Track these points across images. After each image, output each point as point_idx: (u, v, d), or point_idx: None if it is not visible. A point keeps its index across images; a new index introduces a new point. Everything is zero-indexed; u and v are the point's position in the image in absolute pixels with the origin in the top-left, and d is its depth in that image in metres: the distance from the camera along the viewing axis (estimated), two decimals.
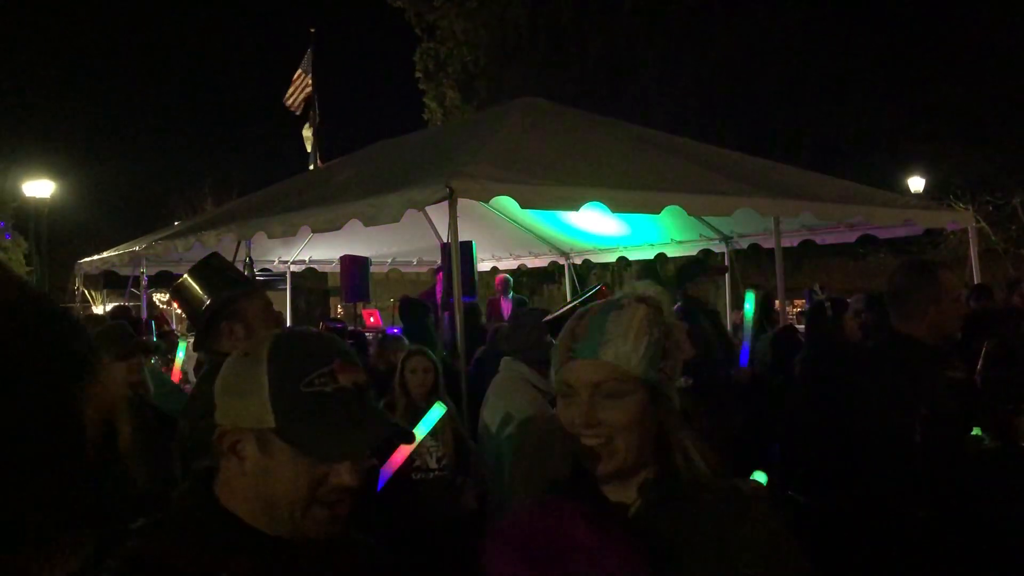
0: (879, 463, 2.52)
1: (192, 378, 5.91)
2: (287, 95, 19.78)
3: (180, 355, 6.16)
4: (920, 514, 2.44)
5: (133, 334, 3.68)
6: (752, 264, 14.39)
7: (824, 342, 4.69)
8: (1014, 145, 18.58)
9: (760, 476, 2.35)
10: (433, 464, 4.03)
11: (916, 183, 20.89)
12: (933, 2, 19.41)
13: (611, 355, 1.29)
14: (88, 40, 37.95)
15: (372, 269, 10.26)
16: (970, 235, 8.15)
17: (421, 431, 3.64)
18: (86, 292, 13.02)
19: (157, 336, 6.88)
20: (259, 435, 1.17)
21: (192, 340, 4.23)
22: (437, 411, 3.74)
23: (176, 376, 5.87)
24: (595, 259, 11.45)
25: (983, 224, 17.23)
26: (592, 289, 4.51)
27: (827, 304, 4.88)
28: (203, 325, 2.54)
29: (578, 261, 11.41)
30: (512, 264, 11.66)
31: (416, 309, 6.81)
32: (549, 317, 3.55)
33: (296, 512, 1.17)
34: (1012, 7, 18.19)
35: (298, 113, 19.57)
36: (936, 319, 2.73)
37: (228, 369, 1.25)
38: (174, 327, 8.30)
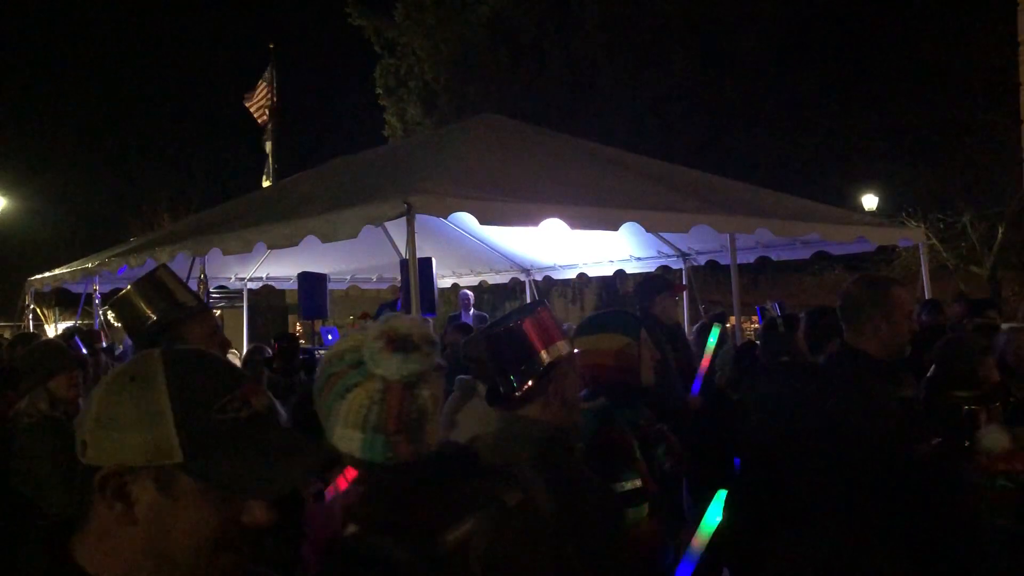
0: (831, 479, 2.53)
1: None
2: (251, 102, 19.65)
3: None
4: (872, 527, 2.46)
5: (66, 350, 3.58)
6: (710, 281, 14.55)
7: (776, 358, 4.73)
8: (963, 165, 19.11)
9: (720, 493, 2.34)
10: None
11: (869, 201, 21.41)
12: (884, 25, 19.97)
13: None
14: (39, 54, 37.29)
15: (331, 286, 10.16)
16: (921, 252, 8.35)
17: None
18: (37, 310, 12.69)
19: (87, 352, 6.67)
20: (159, 473, 0.97)
21: None
22: None
23: None
24: (556, 275, 11.47)
25: (934, 241, 17.69)
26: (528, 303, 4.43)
27: (779, 320, 4.92)
28: (145, 345, 2.40)
29: (539, 277, 11.42)
30: (473, 280, 11.62)
31: None
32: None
33: (200, 562, 0.99)
34: (960, 32, 18.76)
35: (265, 124, 19.46)
36: (888, 335, 2.74)
37: (108, 396, 1.02)
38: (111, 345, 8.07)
